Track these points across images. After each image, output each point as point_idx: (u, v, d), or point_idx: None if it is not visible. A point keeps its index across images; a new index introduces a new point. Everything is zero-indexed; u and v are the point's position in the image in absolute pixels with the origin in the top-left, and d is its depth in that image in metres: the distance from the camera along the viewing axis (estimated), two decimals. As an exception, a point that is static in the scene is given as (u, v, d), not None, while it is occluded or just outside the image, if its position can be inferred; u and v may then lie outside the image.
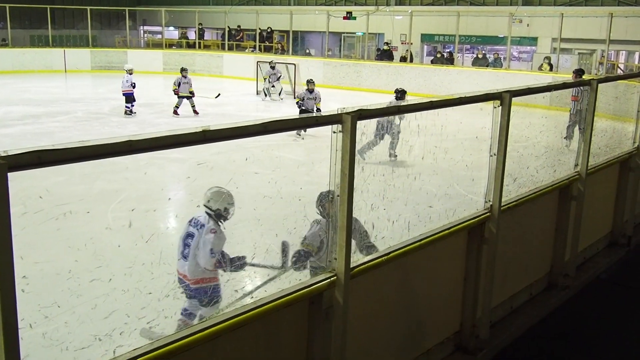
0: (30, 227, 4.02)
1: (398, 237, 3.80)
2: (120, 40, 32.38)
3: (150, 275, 4.45)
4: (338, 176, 3.08)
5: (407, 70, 22.80)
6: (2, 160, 1.85)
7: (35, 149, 1.94)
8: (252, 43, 29.38)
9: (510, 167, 4.40)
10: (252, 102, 20.06)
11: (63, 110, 17.10)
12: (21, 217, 1.99)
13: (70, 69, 27.15)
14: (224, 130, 2.59)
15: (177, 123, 15.89)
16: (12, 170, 1.88)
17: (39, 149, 1.95)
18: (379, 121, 8.78)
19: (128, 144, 2.17)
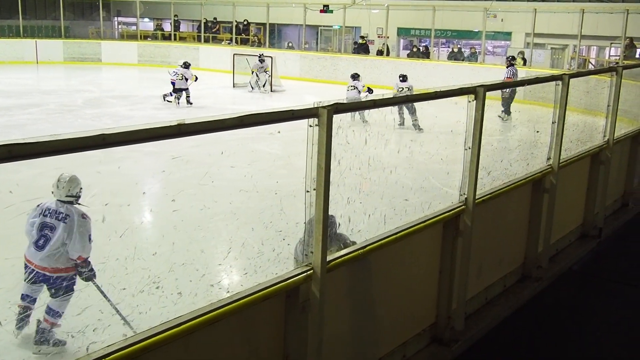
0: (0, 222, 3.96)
1: (374, 230, 3.82)
2: (93, 31, 31.97)
3: (124, 270, 4.42)
4: (314, 170, 3.08)
5: (383, 63, 22.85)
6: (-27, 155, 1.82)
7: (6, 143, 1.92)
8: (229, 35, 29.21)
9: (484, 160, 4.44)
10: (228, 95, 19.97)
11: (34, 103, 16.84)
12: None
13: (42, 60, 26.74)
14: (199, 124, 2.57)
15: (153, 116, 15.74)
16: (-17, 164, 1.86)
17: (9, 142, 1.93)
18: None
19: (101, 137, 2.15)
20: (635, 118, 7.98)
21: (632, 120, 8.08)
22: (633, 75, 8.33)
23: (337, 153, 3.27)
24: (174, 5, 30.25)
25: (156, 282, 4.38)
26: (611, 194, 7.34)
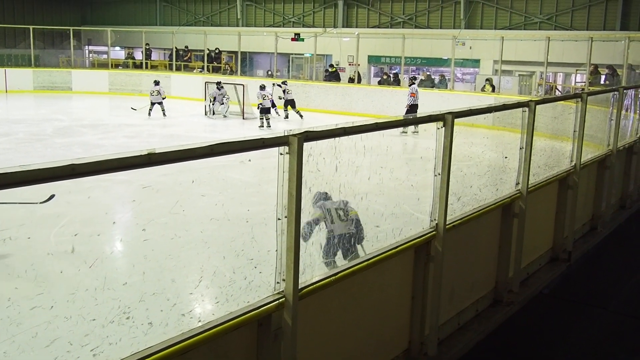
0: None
1: (346, 256, 3.83)
2: (64, 60, 31.82)
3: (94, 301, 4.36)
4: (285, 197, 3.10)
5: (354, 91, 23.07)
6: (-61, 186, 1.80)
7: (-26, 174, 1.90)
8: (201, 64, 29.28)
9: (454, 186, 4.50)
10: (200, 123, 19.96)
11: (3, 132, 16.64)
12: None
13: (12, 89, 26.49)
14: (169, 153, 2.57)
15: (124, 145, 15.64)
16: (-50, 196, 1.84)
17: (-23, 173, 1.91)
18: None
19: (70, 168, 2.14)
20: (601, 143, 8.16)
21: (598, 145, 8.25)
22: (598, 101, 8.52)
23: (308, 180, 3.30)
24: (145, 33, 30.28)
25: (126, 313, 4.32)
26: (580, 218, 7.46)
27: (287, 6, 31.68)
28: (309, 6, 30.91)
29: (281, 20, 31.78)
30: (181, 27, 33.08)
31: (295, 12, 31.40)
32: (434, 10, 27.75)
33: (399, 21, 28.51)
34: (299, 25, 30.98)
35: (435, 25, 27.70)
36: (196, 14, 34.53)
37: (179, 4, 35.16)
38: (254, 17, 32.74)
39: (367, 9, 29.28)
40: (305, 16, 31.10)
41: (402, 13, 28.48)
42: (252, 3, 32.56)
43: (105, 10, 37.77)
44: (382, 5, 28.94)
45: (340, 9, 29.67)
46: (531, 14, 25.53)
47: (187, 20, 34.75)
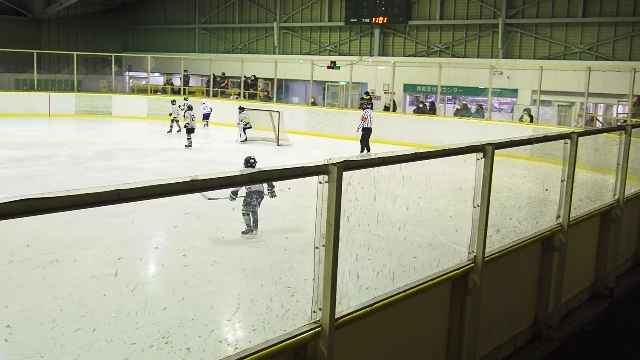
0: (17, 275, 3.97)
1: (382, 287, 3.80)
2: (105, 85, 32.57)
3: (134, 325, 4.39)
4: (324, 226, 3.09)
5: (390, 119, 23.08)
6: (-9, 209, 1.84)
7: (24, 197, 1.94)
8: (237, 90, 29.65)
9: (493, 218, 4.43)
10: (235, 149, 20.13)
11: (46, 154, 17.03)
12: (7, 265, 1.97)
13: (55, 113, 27.15)
14: (211, 180, 2.60)
15: (161, 169, 15.86)
16: (1, 219, 1.88)
17: (27, 197, 1.95)
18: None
19: (116, 193, 2.18)
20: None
21: (642, 178, 8.09)
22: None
23: (346, 209, 3.29)
24: (184, 60, 30.84)
25: (165, 337, 4.34)
26: (622, 253, 7.28)
27: (323, 35, 32.01)
28: (345, 35, 31.17)
29: (317, 49, 32.09)
30: (219, 54, 33.61)
31: (331, 40, 31.70)
32: (471, 40, 27.73)
33: (436, 50, 28.55)
34: (335, 53, 31.23)
35: (473, 54, 27.66)
36: (234, 42, 35.09)
37: (218, 32, 35.79)
38: (291, 45, 33.13)
39: (403, 37, 29.40)
40: (341, 44, 31.37)
41: (438, 42, 28.53)
42: (289, 31, 32.99)
43: (146, 37, 38.64)
44: (419, 34, 29.04)
45: (377, 38, 29.85)
46: (571, 44, 25.31)
47: (225, 48, 35.31)
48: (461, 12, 27.90)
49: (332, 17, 31.37)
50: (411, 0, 28.76)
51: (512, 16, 26.49)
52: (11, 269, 2.74)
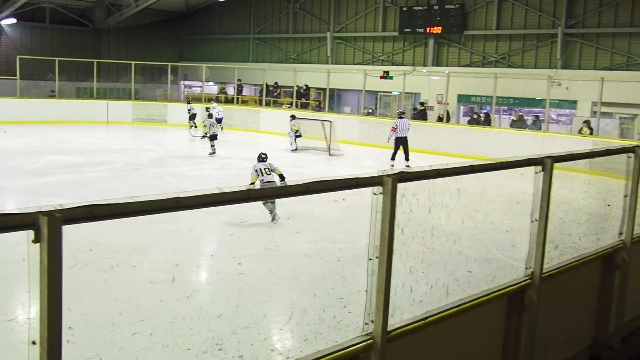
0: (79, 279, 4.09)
1: (436, 301, 3.74)
2: (161, 94, 33.30)
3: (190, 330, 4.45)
4: (378, 238, 3.06)
5: (443, 130, 22.86)
6: (58, 214, 1.89)
7: (88, 204, 1.98)
8: (290, 100, 29.89)
9: (552, 233, 4.32)
10: (286, 157, 20.25)
11: (103, 160, 17.47)
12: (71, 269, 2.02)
13: (112, 121, 27.88)
14: (267, 190, 2.62)
15: (214, 176, 16.07)
16: (66, 224, 1.93)
17: (91, 203, 1.99)
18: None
19: (175, 200, 2.20)
20: None
21: None
22: None
23: (400, 221, 3.25)
24: (238, 70, 31.27)
25: (219, 344, 4.37)
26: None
27: (376, 44, 31.99)
28: (399, 45, 31.08)
29: (370, 59, 32.08)
30: (272, 64, 33.97)
31: (384, 50, 31.64)
32: (529, 50, 27.25)
33: (491, 60, 28.17)
34: (388, 63, 31.16)
35: (530, 64, 27.17)
36: (287, 52, 35.41)
37: (271, 42, 36.20)
38: (344, 55, 33.22)
39: (458, 47, 29.12)
40: (394, 54, 31.28)
41: (494, 52, 28.15)
42: (342, 41, 33.09)
43: (201, 47, 39.37)
44: (474, 44, 28.72)
45: (431, 48, 29.66)
46: (635, 54, 24.57)
47: (278, 58, 35.67)
48: (518, 21, 27.46)
49: (385, 27, 31.33)
50: (467, 10, 28.48)
51: (572, 26, 25.91)
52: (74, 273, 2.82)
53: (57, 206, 2.00)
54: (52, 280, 1.97)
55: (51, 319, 1.97)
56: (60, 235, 1.96)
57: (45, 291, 1.98)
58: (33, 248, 2.00)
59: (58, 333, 2.00)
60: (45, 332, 1.99)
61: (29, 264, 2.02)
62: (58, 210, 1.96)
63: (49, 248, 1.96)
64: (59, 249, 1.97)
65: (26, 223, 1.96)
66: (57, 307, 1.98)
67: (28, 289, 2.05)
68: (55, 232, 1.94)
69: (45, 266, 1.97)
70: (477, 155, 20.47)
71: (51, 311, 1.97)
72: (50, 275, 1.97)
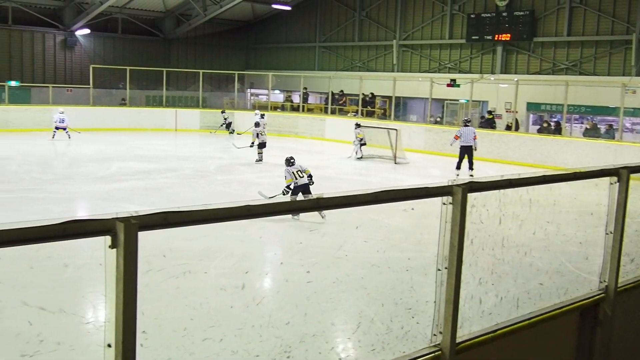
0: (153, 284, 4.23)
1: (506, 314, 3.67)
2: (228, 102, 33.91)
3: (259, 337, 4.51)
4: (447, 248, 3.03)
5: (511, 138, 22.40)
6: (134, 221, 1.95)
7: (163, 211, 2.04)
8: (355, 108, 29.92)
9: (628, 246, 4.17)
10: (351, 165, 20.29)
11: (172, 167, 17.92)
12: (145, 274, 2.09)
13: (181, 128, 28.58)
14: (335, 199, 2.62)
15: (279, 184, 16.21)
16: (142, 230, 1.99)
17: (166, 210, 2.05)
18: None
19: (246, 208, 2.24)
20: None
21: None
22: None
23: (470, 232, 3.21)
24: (303, 78, 31.53)
25: (287, 352, 4.40)
26: None
27: (443, 52, 31.69)
28: (466, 52, 30.69)
29: (437, 66, 31.80)
30: (338, 72, 34.09)
31: (451, 58, 31.31)
32: (601, 57, 26.43)
33: (562, 67, 27.45)
34: (455, 71, 30.80)
35: (603, 72, 26.33)
36: (353, 60, 35.49)
37: (337, 50, 36.36)
38: (410, 63, 33.05)
39: (527, 54, 28.51)
40: (461, 62, 30.90)
41: (565, 59, 27.42)
42: (409, 49, 32.93)
43: (267, 56, 39.92)
44: (544, 51, 28.06)
45: (499, 55, 29.15)
46: None
47: (344, 66, 35.79)
48: (590, 28, 26.67)
49: (452, 34, 31.00)
50: (537, 17, 27.86)
51: (647, 31, 25.02)
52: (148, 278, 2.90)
53: (133, 213, 2.06)
54: (128, 285, 2.03)
55: (126, 322, 2.03)
56: (136, 241, 2.02)
57: (121, 296, 2.04)
58: (110, 253, 2.06)
59: (132, 337, 2.05)
60: (120, 335, 2.05)
61: (106, 269, 2.09)
62: (134, 217, 2.02)
63: (125, 254, 2.02)
64: (135, 255, 2.03)
65: (103, 229, 2.02)
66: (132, 311, 2.04)
67: (104, 293, 2.12)
68: (132, 238, 2.00)
69: (122, 271, 2.03)
70: (547, 165, 19.97)
71: (126, 315, 2.03)
72: (126, 280, 2.03)
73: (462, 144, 18.23)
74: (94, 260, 2.32)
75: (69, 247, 1.98)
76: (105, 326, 2.12)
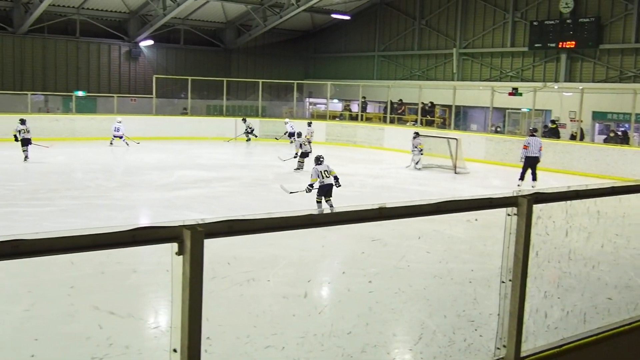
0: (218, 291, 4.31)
1: (572, 328, 3.57)
2: (287, 111, 34.23)
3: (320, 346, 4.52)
4: (511, 260, 2.98)
5: (576, 148, 21.82)
6: (200, 228, 1.99)
7: (228, 219, 2.07)
8: (414, 117, 29.73)
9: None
10: (410, 175, 20.15)
11: (231, 176, 18.19)
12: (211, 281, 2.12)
13: (240, 137, 29.02)
14: (398, 209, 2.61)
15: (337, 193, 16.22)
16: (207, 238, 2.02)
17: (230, 218, 2.08)
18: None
19: (309, 217, 2.25)
20: None
21: None
22: None
23: (535, 244, 3.14)
24: (362, 87, 31.55)
25: (349, 361, 4.40)
26: None
27: (505, 60, 31.16)
28: (529, 60, 30.08)
29: (498, 75, 31.29)
30: (397, 81, 33.97)
31: (513, 66, 30.75)
32: (672, 64, 25.53)
33: (630, 75, 26.58)
34: (517, 79, 30.23)
35: (674, 78, 25.42)
36: (412, 68, 35.30)
37: (396, 59, 36.24)
38: (470, 71, 32.64)
39: (593, 62, 27.73)
40: (524, 70, 30.30)
41: (633, 66, 26.55)
42: (469, 57, 32.54)
43: (326, 65, 40.12)
44: (611, 58, 27.23)
45: (563, 63, 28.45)
46: None
47: (403, 75, 35.63)
48: (660, 34, 25.79)
49: (514, 42, 30.46)
50: (603, 23, 27.09)
51: None
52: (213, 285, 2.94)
53: (200, 220, 2.09)
54: (194, 291, 2.07)
55: (191, 328, 2.07)
56: (202, 248, 2.06)
57: (187, 302, 2.08)
58: (176, 260, 2.10)
59: (197, 342, 2.09)
60: (185, 340, 2.09)
61: (172, 275, 2.14)
62: (200, 225, 2.06)
63: (191, 260, 2.06)
64: (201, 262, 2.07)
65: (171, 236, 2.07)
66: (197, 317, 2.08)
67: (171, 298, 2.16)
68: (198, 246, 2.04)
69: (188, 278, 2.07)
70: (613, 176, 19.37)
71: (192, 321, 2.07)
72: (192, 286, 2.07)
73: (528, 155, 17.78)
74: (160, 267, 2.37)
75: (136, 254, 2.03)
76: (171, 331, 2.16)
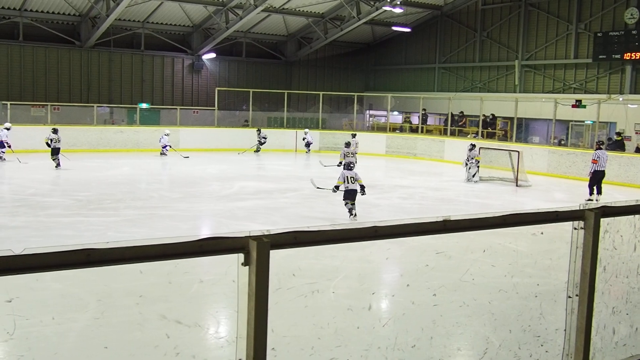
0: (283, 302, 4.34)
1: (642, 347, 3.46)
2: (347, 123, 34.33)
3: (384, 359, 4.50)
4: (578, 275, 2.93)
5: (641, 161, 21.13)
6: (266, 239, 2.04)
7: (293, 230, 2.11)
8: (475, 129, 29.36)
9: None
10: (471, 187, 19.87)
11: (292, 187, 18.32)
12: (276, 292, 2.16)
13: (300, 149, 29.22)
14: (463, 221, 2.60)
15: (398, 205, 16.18)
16: (273, 249, 2.07)
17: (295, 230, 2.12)
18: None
19: (373, 229, 2.28)
20: None
21: None
22: None
23: (602, 258, 3.07)
24: (422, 99, 31.37)
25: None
26: None
27: (568, 72, 30.44)
28: (593, 72, 29.30)
29: (561, 87, 30.57)
30: (458, 93, 33.63)
31: (577, 78, 30.00)
32: None
33: (700, 86, 25.61)
34: (581, 91, 29.46)
35: None
36: (473, 80, 34.88)
37: (457, 71, 35.90)
38: (532, 83, 32.01)
39: (660, 73, 26.86)
40: (587, 82, 29.53)
41: None
42: (531, 69, 31.92)
43: (387, 78, 40.07)
44: (680, 69, 26.31)
45: (628, 74, 27.59)
46: None
47: (464, 87, 35.25)
48: None
49: (578, 54, 29.74)
50: (672, 32, 26.21)
51: None
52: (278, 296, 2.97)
53: (264, 231, 2.14)
54: (259, 302, 2.11)
55: (257, 338, 2.11)
56: (267, 259, 2.10)
57: (253, 312, 2.12)
58: (242, 271, 2.15)
59: (263, 352, 2.13)
60: (251, 350, 2.13)
61: (238, 286, 2.19)
62: (266, 236, 2.11)
63: (257, 271, 2.10)
64: (266, 272, 2.11)
65: (237, 247, 2.13)
66: (263, 327, 2.12)
67: (236, 309, 2.21)
68: (264, 256, 2.09)
69: (254, 288, 2.12)
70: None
71: (257, 331, 2.11)
72: (258, 297, 2.12)
73: (597, 169, 17.28)
74: (227, 277, 2.43)
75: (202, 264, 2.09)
76: (237, 341, 2.21)
